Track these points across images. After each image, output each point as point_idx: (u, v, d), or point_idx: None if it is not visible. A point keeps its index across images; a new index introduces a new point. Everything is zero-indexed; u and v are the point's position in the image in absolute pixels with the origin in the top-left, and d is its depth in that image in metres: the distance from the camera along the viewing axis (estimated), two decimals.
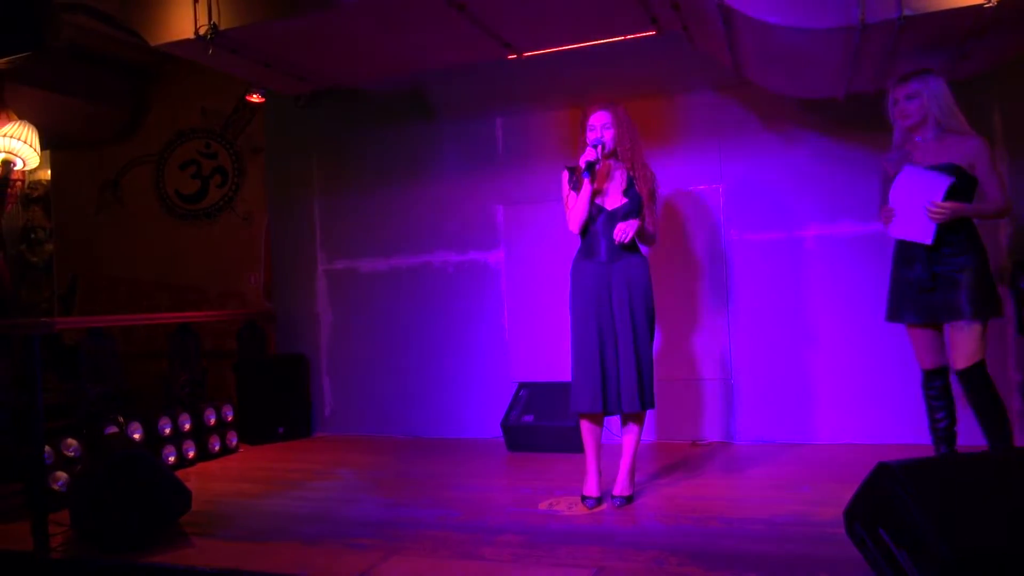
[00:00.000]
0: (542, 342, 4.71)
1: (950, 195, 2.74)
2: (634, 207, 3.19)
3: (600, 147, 3.15)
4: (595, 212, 3.21)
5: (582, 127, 3.26)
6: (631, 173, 3.21)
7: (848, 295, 4.18)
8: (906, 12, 2.88)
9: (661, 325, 4.51)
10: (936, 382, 2.97)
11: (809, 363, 4.25)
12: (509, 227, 4.87)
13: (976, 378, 2.76)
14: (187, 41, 3.76)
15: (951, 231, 2.78)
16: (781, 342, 4.30)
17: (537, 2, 3.58)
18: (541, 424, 4.38)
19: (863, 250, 4.15)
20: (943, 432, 2.96)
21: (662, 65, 4.38)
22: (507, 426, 4.46)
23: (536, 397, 4.54)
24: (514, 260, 4.84)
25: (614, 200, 3.21)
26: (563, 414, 4.33)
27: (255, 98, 4.91)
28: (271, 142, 5.52)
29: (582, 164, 3.13)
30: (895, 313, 2.96)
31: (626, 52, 4.24)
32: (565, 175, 3.26)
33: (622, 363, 3.12)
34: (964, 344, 2.77)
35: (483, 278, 4.92)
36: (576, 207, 3.21)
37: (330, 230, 5.30)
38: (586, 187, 3.18)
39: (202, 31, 3.68)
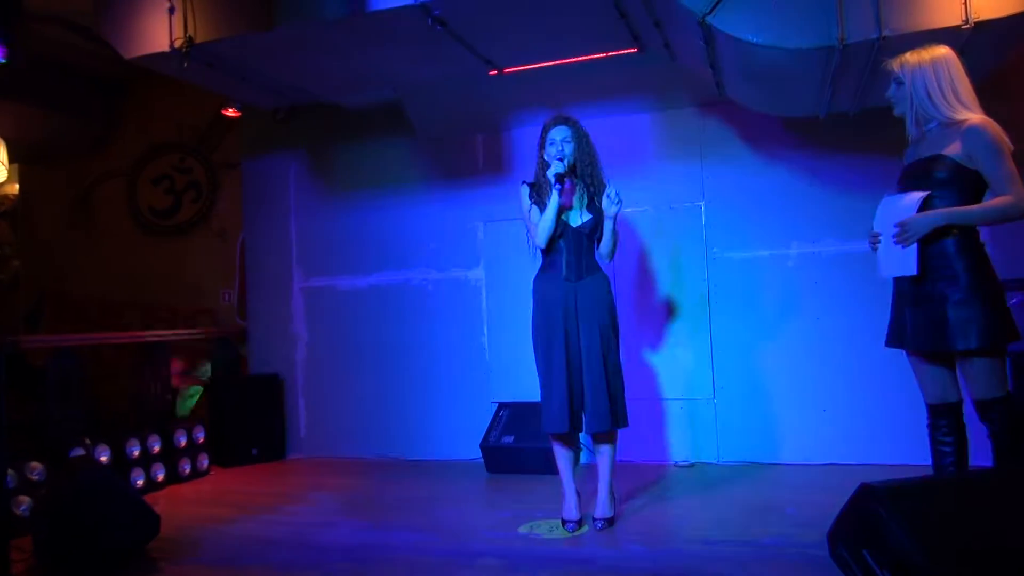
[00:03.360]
0: (523, 361, 4.68)
1: (938, 201, 2.40)
2: (596, 222, 3.23)
3: (565, 163, 3.18)
4: (560, 228, 3.23)
5: (540, 143, 3.28)
6: (591, 189, 3.24)
7: (831, 313, 4.22)
8: (885, 32, 2.95)
9: (643, 344, 4.52)
10: (942, 421, 2.51)
11: (792, 382, 4.27)
12: (490, 244, 4.87)
13: (995, 413, 2.38)
14: (162, 54, 3.75)
15: (934, 241, 2.40)
16: (764, 361, 4.33)
17: (519, 18, 3.61)
18: (521, 445, 4.36)
19: (846, 268, 4.20)
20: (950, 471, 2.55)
21: (645, 82, 4.43)
22: (486, 447, 4.44)
23: (516, 417, 4.52)
24: (495, 278, 4.85)
25: (577, 216, 3.24)
26: (544, 435, 4.31)
27: (231, 112, 4.90)
28: (247, 157, 5.50)
29: (552, 177, 3.15)
30: (890, 336, 2.61)
31: (608, 69, 4.29)
32: (524, 191, 3.28)
33: (591, 381, 3.11)
34: (974, 379, 2.39)
35: (463, 296, 4.92)
36: (545, 221, 3.22)
37: (307, 247, 5.28)
38: (554, 200, 3.19)
39: (177, 44, 3.67)
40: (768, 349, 4.33)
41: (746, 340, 4.37)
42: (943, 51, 2.47)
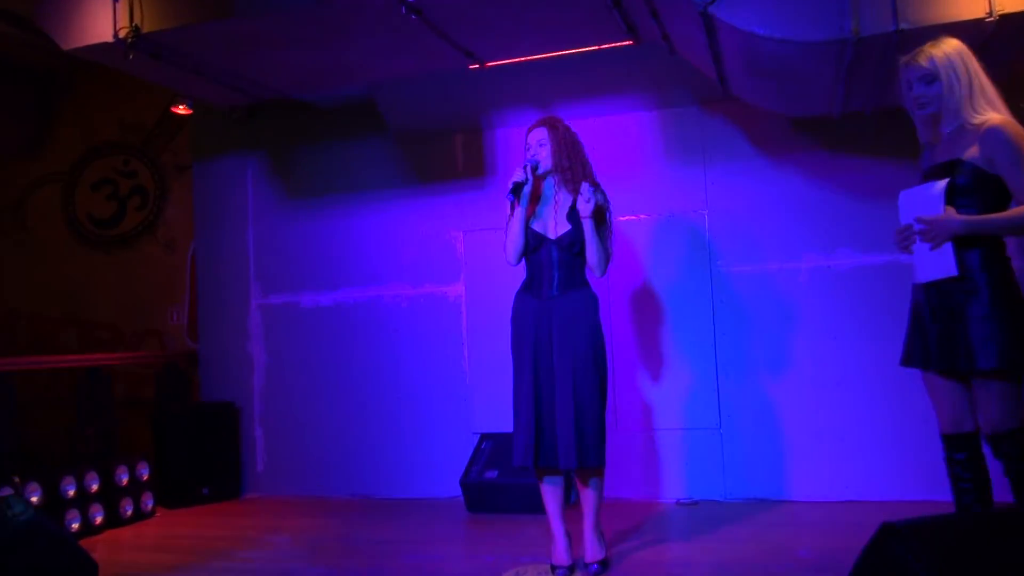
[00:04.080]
0: (508, 387, 4.68)
1: (960, 210, 2.43)
2: (578, 233, 3.22)
3: (530, 167, 3.21)
4: (535, 241, 3.25)
5: (525, 147, 3.32)
6: (575, 194, 3.26)
7: (849, 333, 4.26)
8: (903, 25, 3.00)
9: (640, 368, 4.54)
10: (959, 455, 2.52)
11: (806, 410, 4.30)
12: (471, 256, 4.89)
13: (1009, 447, 2.38)
14: (105, 45, 3.74)
15: (960, 249, 2.43)
16: (775, 386, 4.36)
17: (502, 7, 3.64)
18: (506, 481, 4.35)
19: (864, 283, 4.24)
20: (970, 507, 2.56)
21: (641, 78, 4.47)
22: (467, 483, 4.43)
23: (501, 450, 4.51)
24: (476, 294, 4.85)
25: (559, 226, 3.25)
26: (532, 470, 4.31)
27: (182, 110, 4.90)
28: (199, 159, 5.49)
29: (509, 185, 3.19)
30: (906, 354, 2.62)
31: (601, 63, 4.33)
32: (508, 203, 3.30)
33: (559, 412, 3.11)
34: (987, 404, 2.40)
35: (441, 314, 4.92)
36: (509, 236, 3.26)
37: (266, 259, 5.28)
38: (517, 212, 3.23)
39: (122, 34, 3.67)
40: (779, 373, 4.36)
41: (755, 363, 4.40)
42: (960, 43, 2.51)
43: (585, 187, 3.13)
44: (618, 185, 4.15)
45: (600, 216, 3.23)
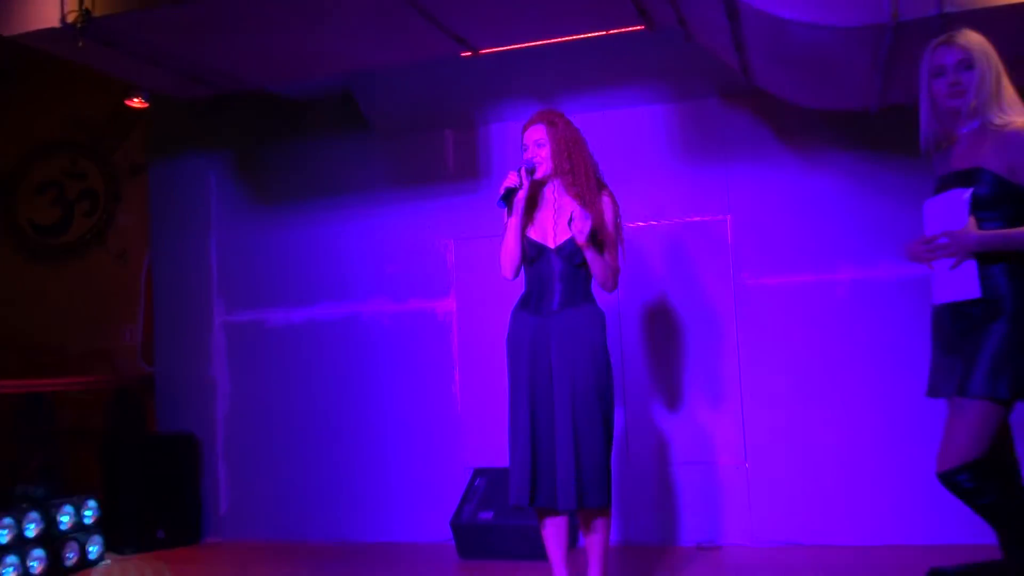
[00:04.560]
0: (504, 416, 4.67)
1: (982, 224, 2.50)
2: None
3: (525, 170, 3.22)
4: (533, 251, 3.25)
5: (521, 147, 3.33)
6: (578, 199, 3.26)
7: (891, 356, 4.25)
8: (947, 8, 3.01)
9: (654, 394, 4.53)
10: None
11: (843, 444, 4.29)
12: (462, 268, 4.89)
13: (971, 483, 2.46)
14: (51, 31, 3.75)
15: (984, 266, 2.50)
16: (809, 417, 4.35)
17: None
18: (503, 523, 4.34)
19: (910, 297, 4.22)
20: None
21: (654, 67, 4.49)
22: (459, 525, 4.42)
23: (496, 487, 4.50)
24: (469, 310, 4.86)
25: (559, 234, 3.25)
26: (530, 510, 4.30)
27: (137, 103, 4.91)
28: (156, 159, 5.50)
29: (500, 191, 3.19)
30: (931, 385, 2.73)
31: (609, 50, 4.35)
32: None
33: (558, 445, 3.10)
34: (953, 432, 2.50)
35: (429, 333, 4.92)
36: (504, 247, 3.27)
37: (231, 271, 5.28)
38: (511, 221, 3.24)
39: (70, 18, 3.69)
40: (813, 401, 4.35)
41: (785, 389, 4.39)
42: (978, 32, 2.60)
43: (577, 211, 3.11)
44: (629, 187, 4.16)
45: (600, 231, 3.21)
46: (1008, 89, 2.55)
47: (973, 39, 2.56)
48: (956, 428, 2.49)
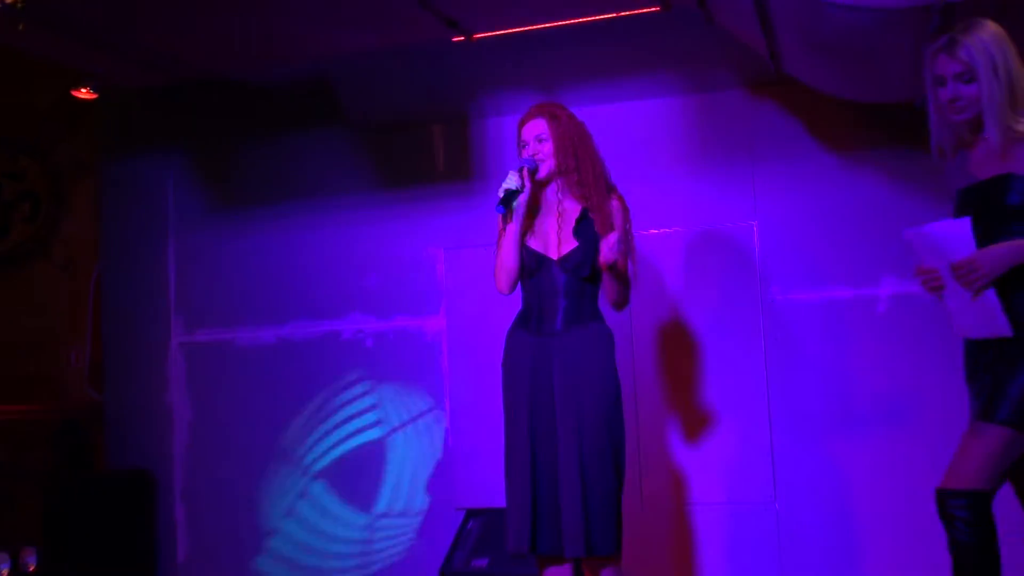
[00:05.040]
0: (500, 450, 4.66)
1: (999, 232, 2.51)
2: (588, 252, 3.20)
3: (526, 169, 3.21)
4: (533, 262, 3.24)
5: (517, 143, 3.33)
6: (584, 202, 3.25)
7: (939, 380, 4.23)
8: None
9: (670, 424, 4.51)
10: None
11: (885, 481, 4.27)
12: (454, 281, 4.88)
13: (963, 513, 2.55)
14: None
15: (1014, 288, 2.50)
16: (846, 451, 4.33)
17: None
18: (499, 572, 4.31)
19: None
20: None
21: (670, 54, 4.49)
22: (449, 574, 4.39)
23: (492, 531, 4.48)
24: (461, 329, 4.84)
25: (563, 243, 3.23)
26: (530, 557, 4.28)
27: (84, 94, 4.90)
28: (107, 157, 5.49)
29: (499, 194, 3.17)
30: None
31: (620, 36, 4.34)
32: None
33: (562, 485, 3.08)
34: (967, 453, 2.57)
35: (416, 355, 4.90)
36: (499, 257, 3.26)
37: (191, 285, 5.26)
38: (509, 229, 3.22)
39: None
40: (851, 431, 4.33)
41: (819, 418, 4.37)
42: (998, 27, 2.58)
43: (612, 237, 3.07)
44: (641, 190, 4.14)
45: (619, 232, 3.20)
46: (1020, 85, 2.53)
47: (978, 43, 2.52)
48: (971, 451, 2.55)
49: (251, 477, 5.05)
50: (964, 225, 2.48)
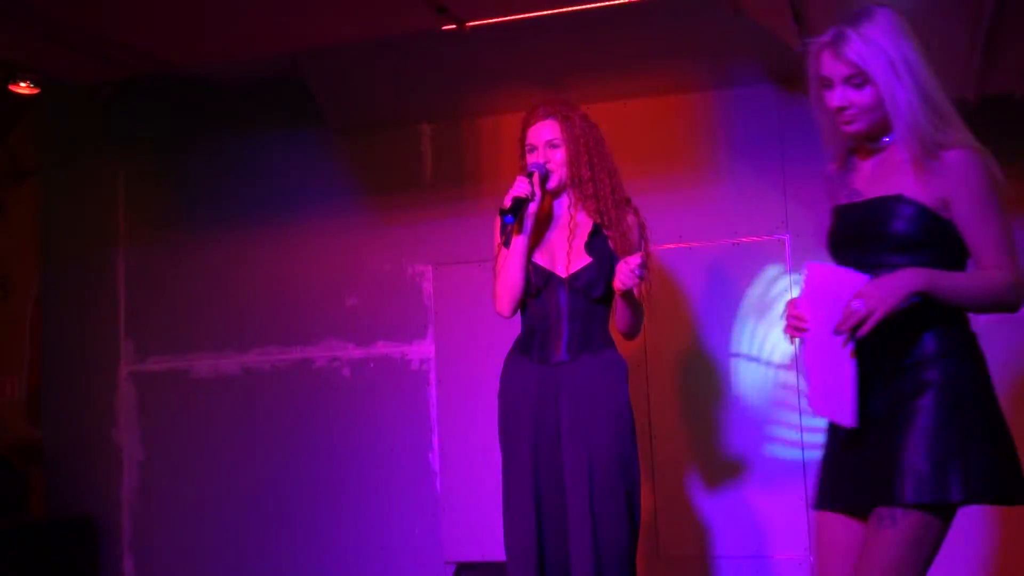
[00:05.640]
0: (497, 495, 4.65)
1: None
2: (602, 270, 3.19)
3: (537, 175, 3.21)
4: (539, 280, 3.24)
5: (521, 147, 3.33)
6: (597, 216, 3.26)
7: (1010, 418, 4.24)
8: None
9: (693, 468, 4.51)
10: None
11: None
12: (444, 302, 4.90)
13: None
14: None
15: (904, 328, 2.30)
16: None
17: None
18: None
19: (1017, 337, 4.24)
20: None
21: (690, 43, 4.49)
22: None
23: None
24: (451, 356, 4.85)
25: (573, 260, 3.23)
26: None
27: (24, 88, 4.91)
28: (49, 161, 5.51)
29: (506, 204, 3.15)
30: (822, 493, 2.50)
31: (632, 23, 4.37)
32: (497, 223, 3.27)
33: (572, 537, 3.08)
34: (879, 551, 2.27)
35: (400, 385, 4.92)
36: (503, 275, 3.24)
37: (144, 306, 5.28)
38: (517, 242, 3.21)
39: None
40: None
41: None
42: (894, 14, 2.39)
43: (635, 260, 3.02)
44: (657, 199, 4.16)
45: (635, 247, 3.21)
46: (934, 92, 2.34)
47: (869, 39, 2.32)
48: (878, 551, 2.27)
49: (209, 527, 5.05)
50: (861, 282, 2.24)
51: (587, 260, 3.22)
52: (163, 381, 5.22)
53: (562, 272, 3.23)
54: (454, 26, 4.33)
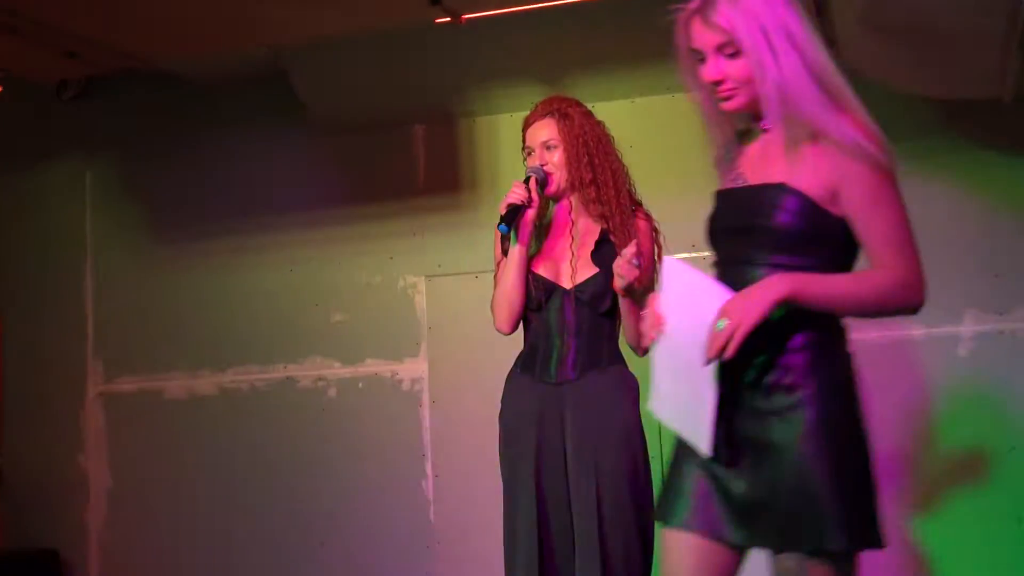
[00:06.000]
0: (497, 526, 4.63)
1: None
2: (610, 280, 3.12)
3: (533, 179, 3.21)
4: (541, 293, 3.23)
5: (523, 149, 3.34)
6: (603, 222, 3.26)
7: None
8: None
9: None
10: None
11: (971, 559, 4.26)
12: (438, 316, 4.90)
13: None
14: None
15: (769, 339, 2.19)
16: (922, 522, 4.32)
17: None
18: None
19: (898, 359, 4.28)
20: None
21: None
22: None
23: None
24: (446, 375, 4.85)
25: (578, 270, 3.23)
26: None
27: None
28: (7, 165, 5.51)
29: (502, 211, 3.16)
30: (663, 505, 2.39)
31: (639, 15, 4.36)
32: (498, 234, 3.28)
33: (580, 568, 3.07)
34: None
35: (391, 407, 4.92)
36: (500, 287, 3.25)
37: (113, 322, 5.28)
38: (514, 252, 3.22)
39: None
40: (926, 499, 4.35)
41: (887, 484, 4.37)
42: None
43: (629, 250, 2.99)
44: (673, 206, 4.15)
45: (645, 256, 3.20)
46: (825, 66, 2.23)
47: (741, 2, 2.21)
48: None
49: (183, 561, 5.05)
50: (724, 297, 2.15)
51: (594, 270, 3.20)
52: (134, 403, 5.22)
53: (566, 283, 3.22)
54: (448, 19, 4.34)
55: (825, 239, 2.23)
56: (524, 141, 3.32)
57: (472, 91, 4.90)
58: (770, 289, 2.12)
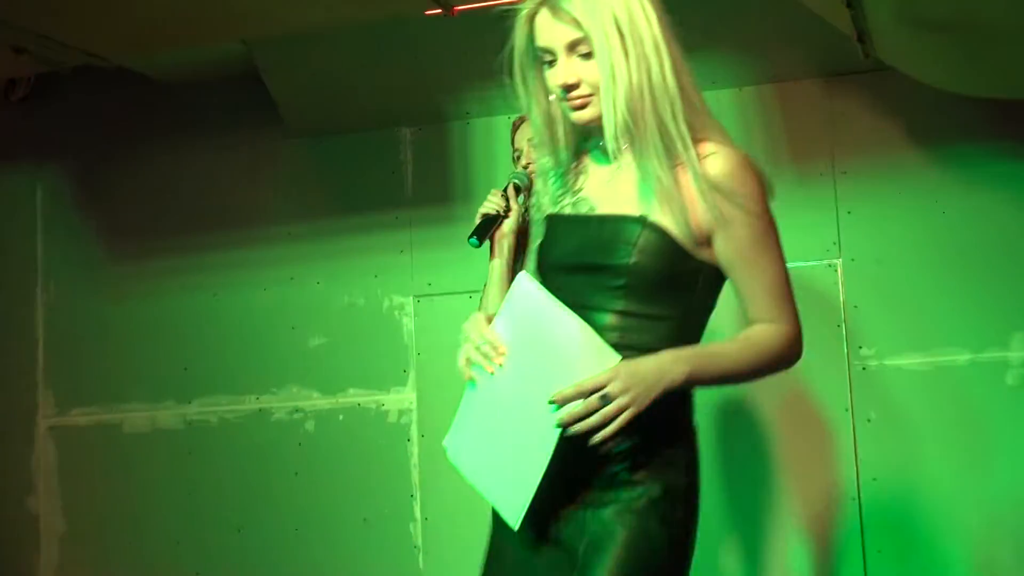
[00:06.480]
0: None
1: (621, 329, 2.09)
2: None
3: (511, 187, 3.21)
4: None
5: (514, 155, 3.39)
6: None
7: None
8: None
9: (729, 531, 4.52)
10: None
11: None
12: (428, 340, 4.92)
13: None
14: None
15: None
16: (967, 566, 4.34)
17: None
18: None
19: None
20: None
21: (721, 32, 4.51)
22: None
23: None
24: (436, 406, 4.85)
25: None
26: None
27: None
28: None
29: (476, 220, 3.15)
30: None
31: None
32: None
33: None
34: None
35: (375, 442, 4.94)
36: (484, 306, 3.22)
37: (66, 349, 5.30)
38: (493, 268, 3.18)
39: None
40: (974, 546, 4.34)
41: (925, 525, 4.39)
42: None
43: None
44: None
45: None
46: (693, 89, 2.12)
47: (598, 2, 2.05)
48: None
49: None
50: (583, 337, 2.02)
51: None
52: (89, 437, 5.22)
53: None
54: (440, 11, 4.36)
55: (684, 287, 2.14)
56: (513, 142, 3.34)
57: (464, 91, 4.92)
58: (668, 371, 2.02)
